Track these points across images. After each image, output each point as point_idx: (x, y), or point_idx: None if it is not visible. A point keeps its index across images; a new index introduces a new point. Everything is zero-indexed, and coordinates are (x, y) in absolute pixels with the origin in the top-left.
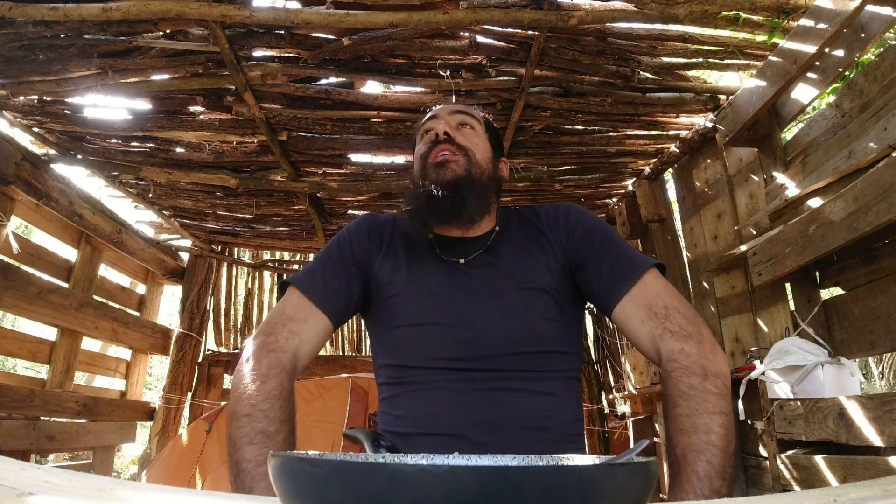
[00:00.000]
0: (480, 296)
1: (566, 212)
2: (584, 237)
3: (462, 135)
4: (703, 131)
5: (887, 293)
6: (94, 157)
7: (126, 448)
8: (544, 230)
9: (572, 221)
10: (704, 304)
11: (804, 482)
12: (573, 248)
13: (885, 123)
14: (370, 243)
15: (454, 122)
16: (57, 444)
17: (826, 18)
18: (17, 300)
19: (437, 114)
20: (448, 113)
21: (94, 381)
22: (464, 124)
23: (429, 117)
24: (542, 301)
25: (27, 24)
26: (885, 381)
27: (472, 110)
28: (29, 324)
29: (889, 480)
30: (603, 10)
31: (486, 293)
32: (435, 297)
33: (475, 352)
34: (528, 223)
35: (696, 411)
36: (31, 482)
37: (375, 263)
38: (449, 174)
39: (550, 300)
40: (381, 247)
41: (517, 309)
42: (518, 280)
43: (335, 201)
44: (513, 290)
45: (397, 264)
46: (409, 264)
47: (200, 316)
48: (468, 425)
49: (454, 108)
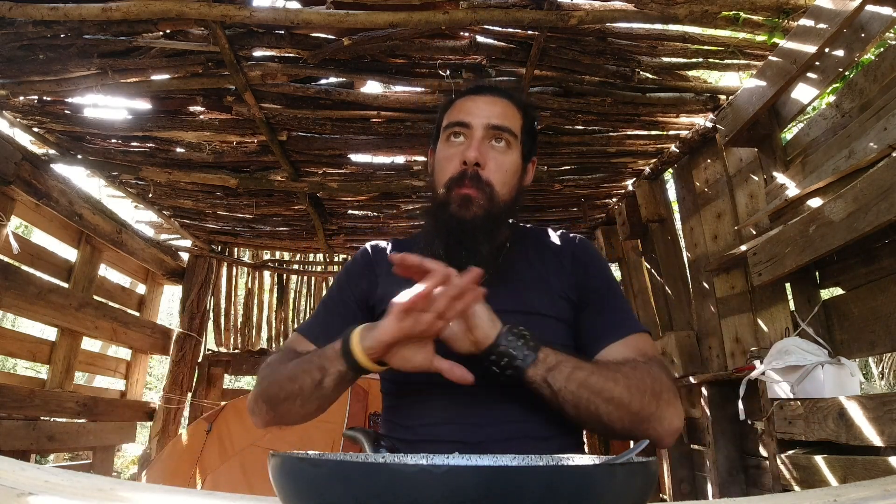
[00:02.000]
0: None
1: (586, 252)
2: (595, 278)
3: (492, 159)
4: (703, 131)
5: (887, 293)
6: (94, 157)
7: (126, 448)
8: (560, 258)
9: (587, 264)
10: (704, 304)
11: (804, 482)
12: (581, 284)
13: (885, 123)
14: (368, 275)
15: (489, 137)
16: (57, 444)
17: (826, 18)
18: (17, 300)
19: (471, 122)
20: (484, 127)
21: (94, 381)
22: (499, 139)
23: (462, 119)
24: (547, 325)
25: (27, 24)
26: (886, 381)
27: (513, 117)
28: (29, 324)
29: (889, 480)
30: (603, 9)
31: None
32: None
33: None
34: (542, 246)
35: (620, 372)
36: (32, 482)
37: (378, 290)
38: (468, 214)
39: (556, 324)
40: (381, 273)
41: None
42: (526, 303)
43: (335, 201)
44: (519, 311)
45: (400, 283)
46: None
47: (200, 316)
48: (472, 434)
49: (493, 119)
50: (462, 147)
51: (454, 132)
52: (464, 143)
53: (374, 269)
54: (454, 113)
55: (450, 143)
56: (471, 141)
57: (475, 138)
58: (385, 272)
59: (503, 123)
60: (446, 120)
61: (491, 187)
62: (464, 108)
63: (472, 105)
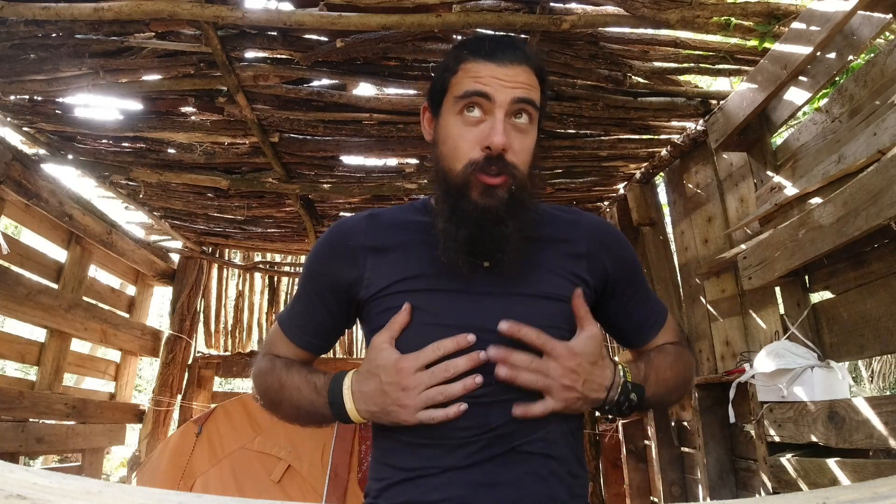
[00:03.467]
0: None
1: (614, 236)
2: (621, 272)
3: (517, 139)
4: (694, 136)
5: (876, 297)
6: (85, 158)
7: (115, 450)
8: (585, 248)
9: (615, 249)
10: (695, 308)
11: (794, 485)
12: (607, 279)
13: (874, 128)
14: (343, 258)
15: (512, 111)
16: (46, 446)
17: (817, 24)
18: (6, 301)
19: (494, 96)
20: (510, 102)
21: (84, 382)
22: (521, 112)
23: (483, 90)
24: (564, 309)
25: (19, 24)
26: (875, 384)
27: (536, 88)
28: (18, 325)
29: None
30: (595, 14)
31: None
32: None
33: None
34: (564, 228)
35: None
36: (20, 484)
37: (363, 273)
38: (494, 202)
39: (569, 307)
40: (361, 253)
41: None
42: (542, 287)
43: (327, 203)
44: (537, 296)
45: (389, 263)
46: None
47: (190, 318)
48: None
49: (518, 92)
50: (481, 125)
51: (472, 103)
52: (481, 118)
53: (350, 250)
54: (470, 80)
55: (464, 117)
56: (493, 120)
57: (498, 118)
58: (366, 252)
59: (527, 96)
60: (459, 87)
61: (517, 170)
62: (482, 76)
63: (492, 73)
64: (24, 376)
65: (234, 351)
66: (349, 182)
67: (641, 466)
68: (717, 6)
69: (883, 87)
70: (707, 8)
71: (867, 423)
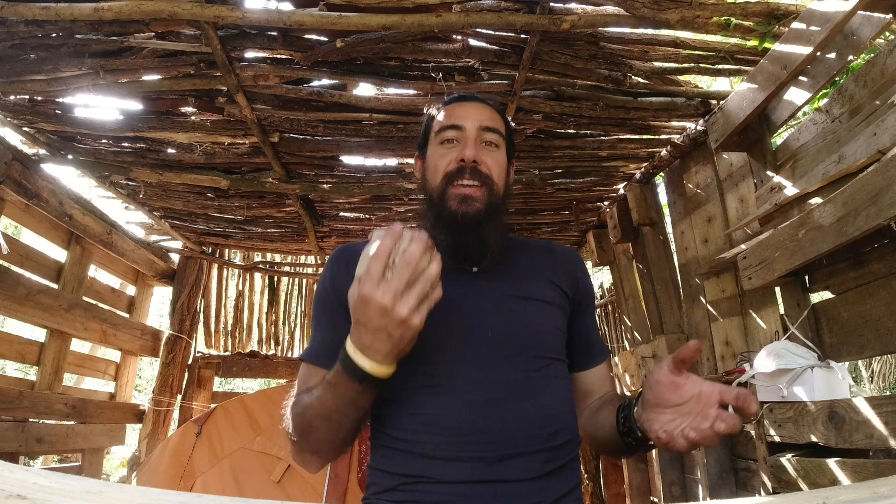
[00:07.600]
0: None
1: (582, 264)
2: (585, 296)
3: (489, 156)
4: (694, 136)
5: (876, 297)
6: (85, 158)
7: (115, 450)
8: (558, 267)
9: (582, 275)
10: (695, 308)
11: (794, 485)
12: (575, 297)
13: (874, 128)
14: (346, 279)
15: (482, 138)
16: (46, 446)
17: (817, 23)
18: (6, 301)
19: (464, 125)
20: (477, 129)
21: (84, 382)
22: (490, 142)
23: (454, 122)
24: (546, 310)
25: (19, 24)
26: (875, 384)
27: (498, 121)
28: (18, 325)
29: (878, 483)
30: (595, 14)
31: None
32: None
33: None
34: (533, 247)
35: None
36: (20, 484)
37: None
38: (471, 209)
39: (553, 309)
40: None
41: (525, 315)
42: (525, 290)
43: (327, 203)
44: (520, 297)
45: None
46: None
47: (190, 318)
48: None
49: (483, 122)
50: (456, 148)
51: (447, 137)
52: (456, 145)
53: (352, 266)
54: (445, 119)
55: (443, 146)
56: (465, 142)
57: (469, 139)
58: None
59: (493, 125)
60: (437, 125)
61: (490, 179)
62: (454, 113)
63: (462, 110)
64: (24, 376)
65: (233, 351)
66: (349, 182)
67: (641, 466)
68: (717, 6)
69: (883, 87)
70: (707, 8)
71: (867, 423)
